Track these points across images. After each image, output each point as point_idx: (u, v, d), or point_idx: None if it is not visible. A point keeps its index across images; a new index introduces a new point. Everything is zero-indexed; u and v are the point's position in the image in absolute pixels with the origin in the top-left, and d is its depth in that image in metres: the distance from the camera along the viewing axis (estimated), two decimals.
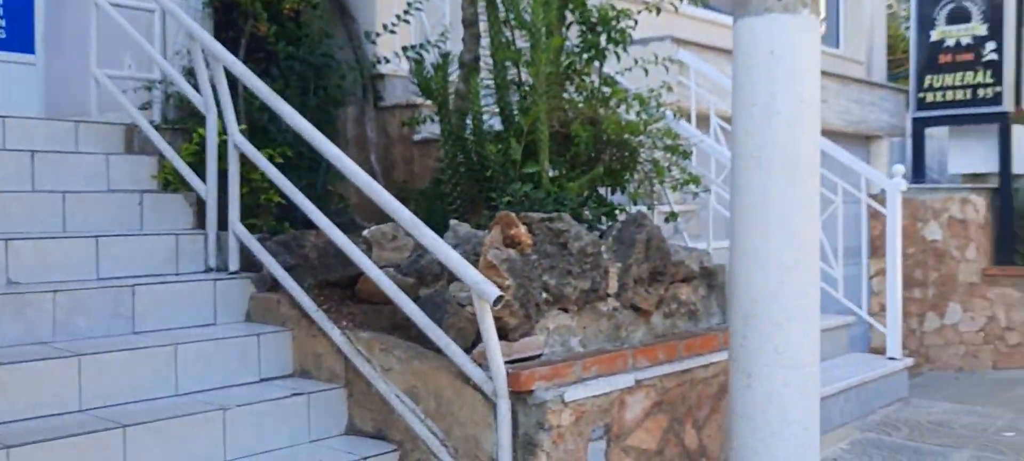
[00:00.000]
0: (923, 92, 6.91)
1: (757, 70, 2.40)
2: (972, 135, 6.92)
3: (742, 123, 2.43)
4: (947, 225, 6.71)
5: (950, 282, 6.70)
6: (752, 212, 2.41)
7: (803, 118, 2.38)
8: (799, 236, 2.38)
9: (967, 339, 6.62)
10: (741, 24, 2.44)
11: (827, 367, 3.95)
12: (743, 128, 2.42)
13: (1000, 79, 6.58)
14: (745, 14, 2.43)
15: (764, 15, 2.38)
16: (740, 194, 2.43)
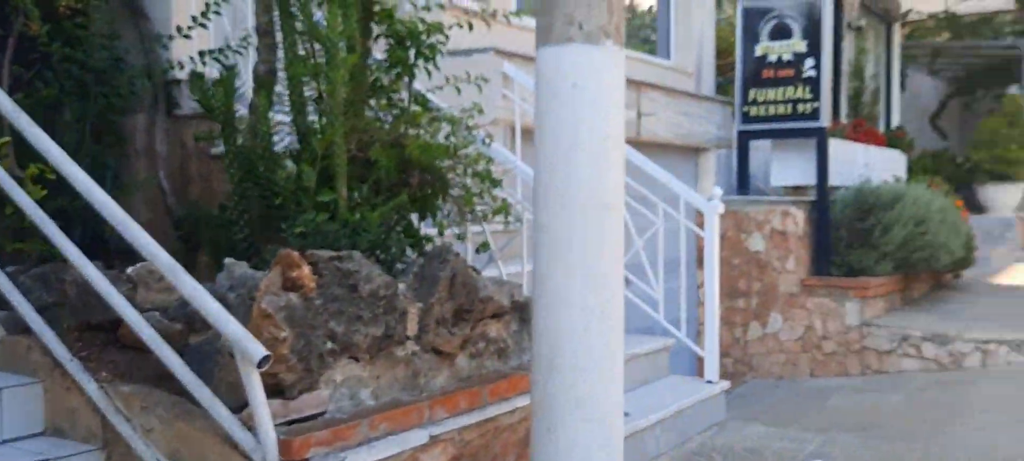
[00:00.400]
0: (748, 106, 7.08)
1: (559, 102, 2.22)
2: (793, 149, 7.15)
3: (545, 158, 2.24)
4: (769, 237, 6.90)
5: (772, 292, 6.89)
6: (555, 252, 2.23)
7: (608, 154, 2.22)
8: (604, 278, 2.22)
9: (787, 347, 6.83)
10: (543, 53, 2.26)
11: (645, 393, 3.88)
12: (545, 163, 2.24)
13: (818, 95, 6.81)
14: (547, 42, 2.25)
15: (566, 45, 2.21)
16: (543, 233, 2.25)
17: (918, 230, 6.74)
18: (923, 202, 6.75)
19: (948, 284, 8.56)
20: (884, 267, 6.76)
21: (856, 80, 11.61)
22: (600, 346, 2.19)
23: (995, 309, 7.14)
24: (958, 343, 6.14)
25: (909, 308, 7.19)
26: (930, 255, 6.95)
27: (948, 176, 14.77)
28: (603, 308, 2.20)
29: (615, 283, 2.22)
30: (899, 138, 9.78)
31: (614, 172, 2.22)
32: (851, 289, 6.61)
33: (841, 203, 6.93)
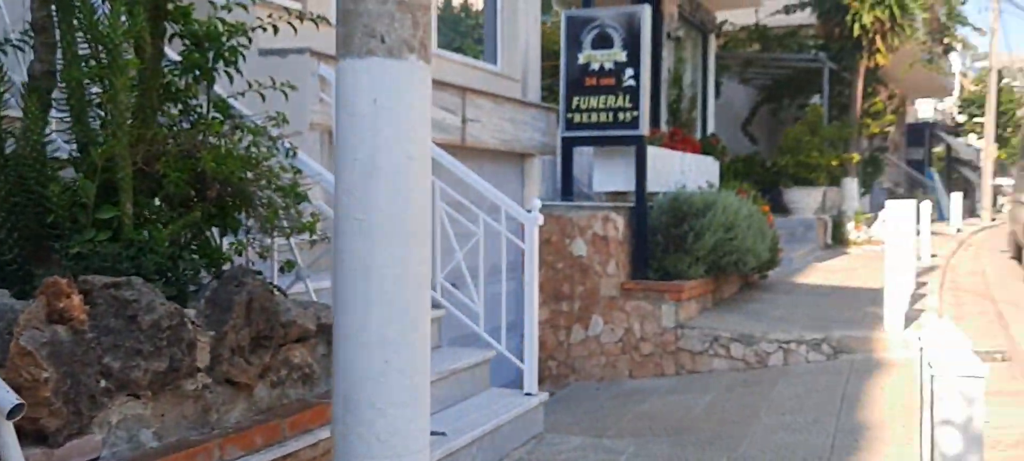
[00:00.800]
0: (571, 113, 7.20)
1: (359, 120, 2.09)
2: (614, 156, 7.34)
3: (343, 180, 2.11)
4: (592, 242, 7.04)
5: (594, 296, 7.04)
6: (353, 282, 2.10)
7: (412, 177, 2.12)
8: (407, 310, 2.12)
9: (608, 350, 7.00)
10: (343, 66, 2.12)
11: (464, 410, 3.82)
12: (344, 186, 2.11)
13: (638, 104, 7.02)
14: (347, 54, 2.11)
15: (366, 58, 2.08)
16: (341, 260, 2.12)
17: (728, 236, 7.09)
18: (732, 209, 7.11)
19: (756, 284, 9.09)
20: (697, 270, 7.06)
21: (675, 88, 12.13)
22: (402, 383, 2.09)
23: (796, 309, 7.63)
24: (763, 343, 6.50)
25: (720, 309, 7.56)
26: (738, 259, 7.33)
27: (757, 180, 15.75)
28: (405, 342, 2.09)
29: (419, 315, 2.13)
30: (713, 145, 10.30)
31: (418, 197, 2.12)
32: (667, 292, 6.86)
33: (658, 209, 7.18)
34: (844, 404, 5.01)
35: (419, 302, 2.13)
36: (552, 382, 7.19)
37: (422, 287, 2.13)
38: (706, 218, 6.93)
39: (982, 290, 10.20)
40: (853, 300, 8.29)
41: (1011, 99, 40.79)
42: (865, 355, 6.29)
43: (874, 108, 17.87)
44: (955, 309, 8.79)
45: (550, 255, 7.16)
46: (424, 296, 2.14)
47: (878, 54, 15.35)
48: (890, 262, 6.54)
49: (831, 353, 6.37)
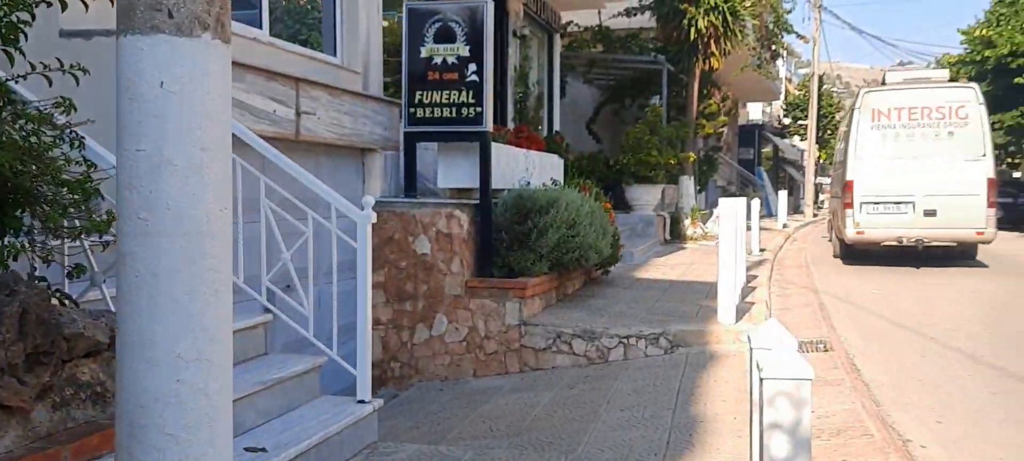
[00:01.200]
0: (414, 107, 7.01)
1: (143, 106, 1.84)
2: (458, 152, 7.21)
3: (125, 174, 1.85)
4: (436, 239, 6.89)
5: (438, 294, 6.89)
6: (138, 291, 1.85)
7: (208, 171, 1.88)
8: (201, 320, 1.88)
9: (452, 349, 6.87)
10: (124, 43, 1.86)
11: (289, 422, 3.57)
12: (126, 180, 1.84)
13: (481, 100, 6.92)
14: (128, 30, 1.85)
15: (152, 35, 1.83)
16: (124, 265, 1.85)
17: (570, 233, 7.11)
18: (574, 206, 7.14)
19: (599, 280, 9.22)
20: (541, 267, 7.05)
21: (521, 86, 12.16)
22: (197, 404, 1.85)
23: (637, 304, 7.77)
24: (604, 339, 6.55)
25: (564, 305, 7.58)
26: (581, 255, 7.37)
27: (601, 177, 16.08)
28: (201, 357, 1.86)
29: (217, 326, 1.90)
30: (557, 143, 10.38)
31: (214, 192, 1.89)
32: (511, 290, 6.80)
33: (503, 206, 7.11)
34: (680, 398, 5.08)
35: (217, 312, 1.90)
36: (395, 383, 6.99)
37: (220, 294, 1.90)
38: (549, 215, 6.92)
39: (806, 282, 10.80)
40: (690, 294, 8.54)
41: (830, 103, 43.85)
42: (700, 348, 6.46)
43: (709, 109, 18.67)
44: (782, 301, 9.24)
45: (394, 253, 6.95)
46: (223, 305, 1.91)
47: (712, 57, 16.02)
48: (723, 258, 6.75)
49: (669, 347, 6.50)
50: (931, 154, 12.08)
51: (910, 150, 12.22)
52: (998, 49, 23.13)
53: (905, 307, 8.70)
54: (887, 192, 12.20)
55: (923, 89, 12.63)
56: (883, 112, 12.47)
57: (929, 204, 11.91)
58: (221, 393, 1.91)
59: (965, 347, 6.63)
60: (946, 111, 12.17)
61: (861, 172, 12.35)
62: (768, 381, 2.06)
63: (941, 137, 12.13)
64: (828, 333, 7.18)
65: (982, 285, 10.40)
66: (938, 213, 11.87)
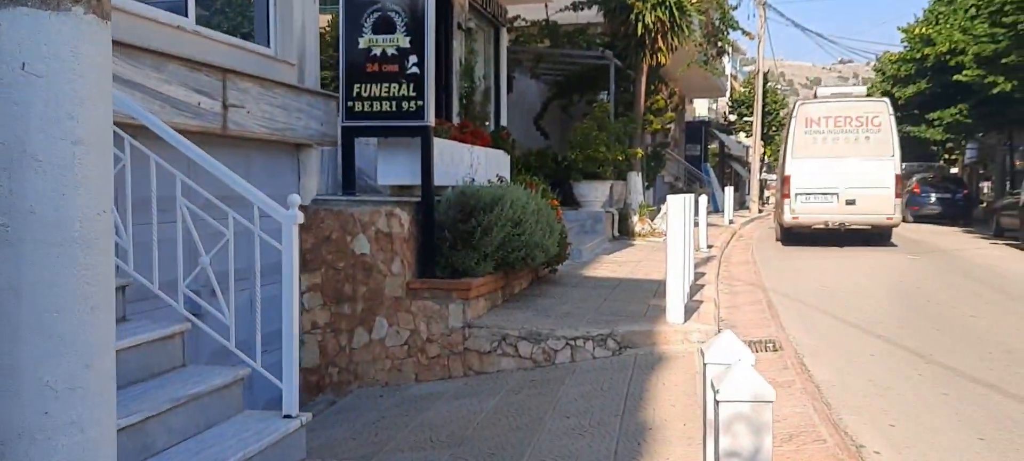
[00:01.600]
0: (352, 101, 6.73)
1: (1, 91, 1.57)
2: (399, 147, 6.94)
3: None
4: (375, 239, 6.62)
5: (378, 296, 6.63)
6: None
7: (81, 168, 1.61)
8: (77, 344, 1.61)
9: (393, 353, 6.61)
10: None
11: (205, 442, 3.29)
12: None
13: (423, 93, 6.66)
14: None
15: (10, 8, 1.55)
16: None
17: (516, 231, 6.90)
18: (520, 203, 6.93)
19: (546, 279, 9.03)
20: (486, 267, 6.82)
21: (467, 80, 11.92)
22: (70, 439, 1.58)
23: (584, 303, 7.59)
24: (551, 341, 6.36)
25: (509, 305, 7.37)
26: (527, 254, 7.17)
27: (549, 174, 15.93)
28: (74, 386, 1.59)
29: (95, 349, 1.63)
30: (503, 138, 10.16)
31: (90, 193, 1.62)
32: (454, 291, 6.56)
33: (446, 204, 6.87)
34: (628, 404, 4.91)
35: (95, 332, 1.63)
36: (334, 390, 6.70)
37: (99, 312, 1.64)
38: (494, 213, 6.70)
39: (754, 279, 10.77)
40: (638, 292, 8.40)
41: (775, 100, 44.49)
42: (648, 349, 6.30)
43: (656, 105, 18.65)
44: (730, 298, 9.17)
45: (331, 253, 6.66)
46: (102, 324, 1.64)
47: (660, 53, 15.97)
48: (671, 256, 6.60)
49: (616, 348, 6.33)
50: (851, 155, 14.94)
51: (835, 151, 15.03)
52: (937, 47, 23.55)
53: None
54: (817, 185, 15.01)
55: (845, 102, 15.54)
56: (814, 120, 15.40)
57: (850, 195, 14.79)
58: (100, 425, 1.65)
59: (912, 345, 6.60)
60: (863, 120, 15.03)
61: (796, 169, 15.19)
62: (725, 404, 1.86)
63: (859, 141, 15.01)
64: (777, 332, 7.10)
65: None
66: (857, 202, 14.74)
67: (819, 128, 15.38)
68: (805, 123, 15.53)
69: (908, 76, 27.09)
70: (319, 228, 6.69)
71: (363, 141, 7.61)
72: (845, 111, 15.33)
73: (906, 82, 27.31)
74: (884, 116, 15.09)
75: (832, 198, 14.96)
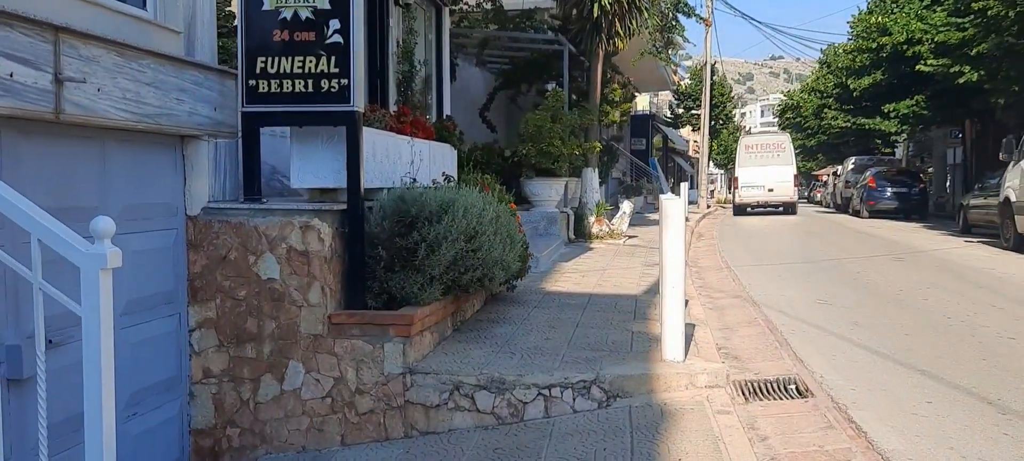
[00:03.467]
0: (255, 78, 5.15)
1: None
2: (318, 139, 5.38)
3: None
4: (287, 259, 5.05)
5: (292, 334, 5.06)
6: None
7: None
8: None
9: (312, 408, 5.05)
10: None
11: None
12: None
13: (348, 69, 5.11)
14: None
15: None
16: None
17: (471, 247, 5.41)
18: (475, 211, 5.43)
19: (503, 298, 7.55)
20: (431, 293, 5.32)
21: (406, 64, 10.34)
22: None
23: (554, 331, 6.14)
24: (518, 389, 4.89)
25: (462, 337, 5.88)
26: (484, 274, 5.69)
27: (497, 170, 14.42)
28: None
29: None
30: (450, 130, 8.64)
31: None
32: (392, 325, 5.04)
33: (380, 213, 5.33)
34: None
35: None
36: (233, 457, 5.12)
37: None
38: (442, 224, 5.18)
39: (737, 289, 9.46)
40: (614, 313, 6.99)
41: (722, 93, 43.73)
42: (645, 399, 4.88)
43: (613, 95, 17.30)
44: (718, 316, 7.82)
45: (229, 279, 5.08)
46: None
47: (617, 38, 14.61)
48: (669, 277, 5.18)
49: (603, 399, 4.89)
50: (769, 164, 26.99)
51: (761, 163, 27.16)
52: (894, 36, 22.72)
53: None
54: (752, 181, 27.21)
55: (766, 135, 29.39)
56: (749, 146, 28.71)
57: (770, 186, 26.89)
58: None
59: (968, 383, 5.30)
60: (775, 146, 27.91)
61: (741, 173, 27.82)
62: None
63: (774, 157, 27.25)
64: (794, 366, 5.74)
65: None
66: (774, 190, 26.88)
67: (752, 151, 28.39)
68: (745, 148, 28.92)
69: (862, 67, 26.29)
70: (212, 245, 5.10)
71: (272, 131, 6.03)
72: (766, 141, 29.18)
73: (860, 73, 26.50)
74: (787, 143, 28.54)
75: (760, 188, 27.40)
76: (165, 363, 4.93)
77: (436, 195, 5.30)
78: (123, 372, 4.50)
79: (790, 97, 53.71)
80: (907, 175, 25.90)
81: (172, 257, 4.99)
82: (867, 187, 24.85)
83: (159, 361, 4.86)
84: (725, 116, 45.62)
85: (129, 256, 4.55)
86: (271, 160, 6.21)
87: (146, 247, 4.71)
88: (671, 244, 5.17)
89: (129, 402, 4.55)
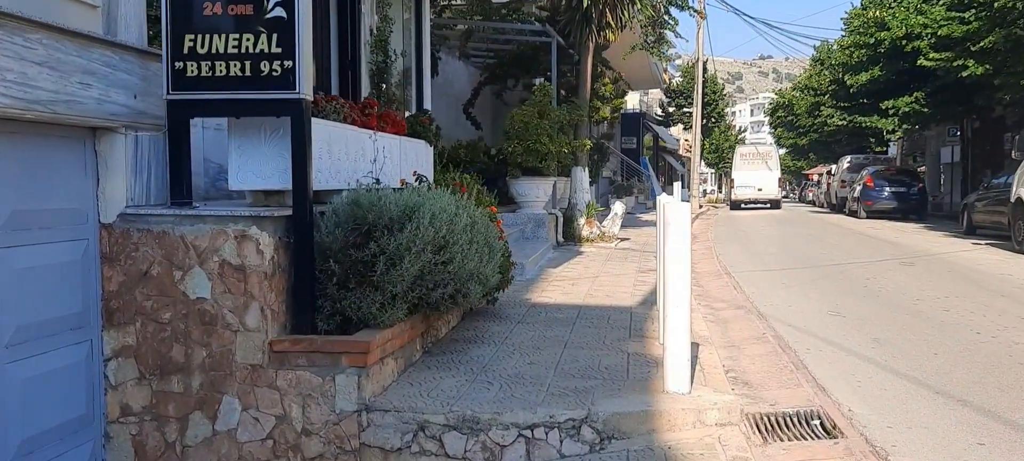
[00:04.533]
0: (183, 61, 4.33)
1: None
2: (260, 133, 4.57)
3: None
4: (219, 274, 4.24)
5: (226, 365, 4.26)
6: None
7: None
8: None
9: (250, 452, 4.25)
10: None
11: None
12: None
13: (293, 49, 4.30)
14: None
15: None
16: None
17: (440, 258, 4.61)
18: (446, 217, 4.63)
19: (481, 311, 6.76)
20: (394, 314, 4.52)
21: (380, 53, 9.50)
22: None
23: (538, 354, 5.36)
24: (495, 430, 4.10)
25: (431, 361, 5.09)
26: (457, 290, 4.88)
27: (482, 169, 13.61)
28: None
29: None
30: (424, 125, 7.82)
31: None
32: (344, 353, 4.24)
33: (332, 219, 4.53)
34: None
35: None
36: None
37: None
38: (405, 233, 4.39)
39: (739, 299, 8.69)
40: (608, 330, 6.22)
41: (714, 90, 43.05)
42: (645, 441, 4.11)
43: (604, 90, 16.51)
44: (722, 331, 7.05)
45: (151, 298, 4.27)
46: None
47: (608, 29, 13.83)
48: (673, 295, 4.40)
49: (597, 441, 4.11)
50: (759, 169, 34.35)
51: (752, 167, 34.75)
52: (893, 31, 22.02)
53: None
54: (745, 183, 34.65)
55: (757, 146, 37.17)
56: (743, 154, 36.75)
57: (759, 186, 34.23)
58: None
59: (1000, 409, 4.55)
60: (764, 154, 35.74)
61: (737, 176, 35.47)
62: None
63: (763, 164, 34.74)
64: (816, 396, 4.97)
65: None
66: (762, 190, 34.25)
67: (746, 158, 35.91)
68: (740, 155, 36.59)
69: (860, 63, 25.57)
70: (131, 259, 4.28)
71: (214, 123, 5.23)
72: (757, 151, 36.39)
73: (858, 69, 25.78)
74: (774, 153, 36.86)
75: (751, 188, 34.53)
76: (72, 400, 4.11)
77: (399, 199, 4.49)
78: (9, 416, 3.69)
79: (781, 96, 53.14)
80: (905, 174, 25.21)
81: (81, 273, 4.17)
82: (864, 187, 24.16)
83: (63, 398, 4.05)
84: (717, 114, 44.94)
85: (16, 274, 3.75)
86: (217, 158, 5.41)
87: (43, 262, 3.89)
88: (674, 255, 4.39)
89: (19, 452, 3.73)
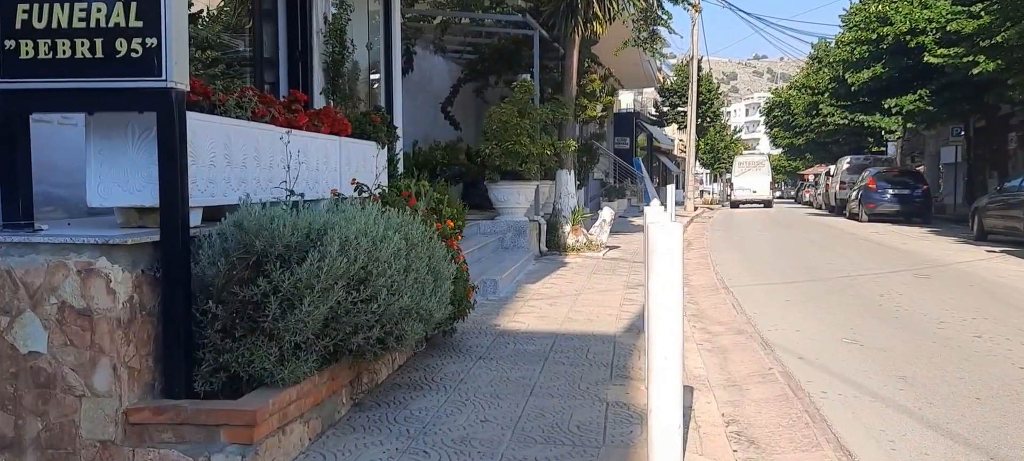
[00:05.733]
0: (16, 38, 3.29)
1: None
2: (128, 134, 3.52)
3: None
4: (58, 321, 3.20)
5: (68, 440, 3.21)
6: None
7: None
8: None
9: None
10: None
11: None
12: None
13: (158, 23, 3.26)
14: None
15: None
16: None
17: (358, 297, 3.56)
18: (366, 243, 3.58)
19: (437, 344, 5.72)
20: (298, 369, 3.47)
21: (336, 44, 8.46)
22: None
23: (497, 404, 4.32)
24: None
25: (362, 418, 4.05)
26: (387, 333, 3.84)
27: (461, 173, 12.59)
28: None
29: None
30: (376, 123, 6.76)
31: None
32: (223, 426, 3.20)
33: (215, 247, 3.47)
34: None
35: None
36: None
37: None
38: (306, 265, 3.33)
39: (739, 321, 7.65)
40: (584, 366, 5.20)
41: (709, 89, 42.11)
42: None
43: (593, 87, 15.47)
44: (721, 367, 6.01)
45: None
46: None
47: (595, 21, 12.80)
48: (660, 346, 3.34)
49: None
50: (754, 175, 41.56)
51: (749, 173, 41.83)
52: (896, 27, 21.04)
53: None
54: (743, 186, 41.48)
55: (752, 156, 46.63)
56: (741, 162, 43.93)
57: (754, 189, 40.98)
58: None
59: None
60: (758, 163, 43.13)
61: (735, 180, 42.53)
62: None
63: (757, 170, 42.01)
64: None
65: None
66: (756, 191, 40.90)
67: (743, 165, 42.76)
68: (738, 163, 43.61)
69: (861, 60, 24.57)
70: None
71: (53, 119, 4.18)
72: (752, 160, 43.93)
73: (859, 66, 24.79)
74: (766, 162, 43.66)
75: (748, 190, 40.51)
76: None
77: (299, 220, 3.44)
78: None
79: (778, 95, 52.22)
80: (908, 176, 24.22)
81: None
82: (867, 189, 23.16)
83: None
84: (713, 114, 44.02)
85: None
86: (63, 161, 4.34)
87: None
88: (663, 300, 3.32)
89: None
